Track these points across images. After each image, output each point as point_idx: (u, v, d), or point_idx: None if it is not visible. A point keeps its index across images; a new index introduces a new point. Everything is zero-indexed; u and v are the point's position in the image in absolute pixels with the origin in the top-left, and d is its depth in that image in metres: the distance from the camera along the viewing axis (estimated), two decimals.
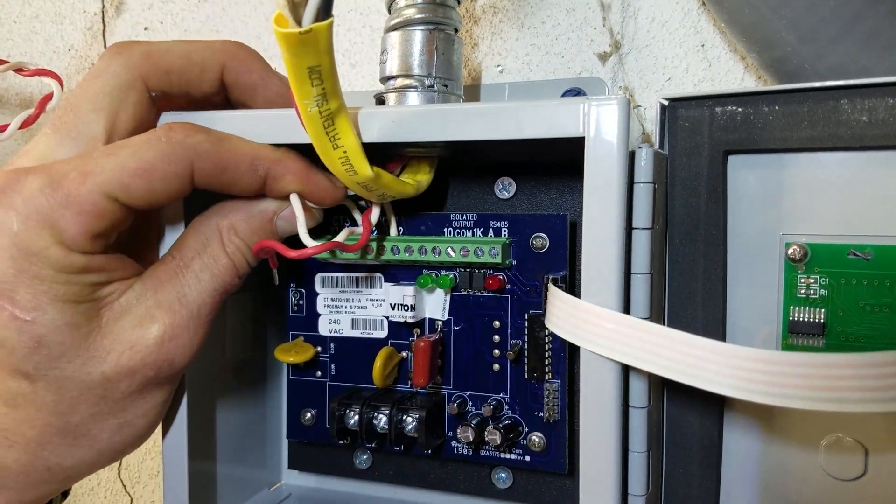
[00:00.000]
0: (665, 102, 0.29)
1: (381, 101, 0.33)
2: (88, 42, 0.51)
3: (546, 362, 0.30)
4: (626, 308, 0.25)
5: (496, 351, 0.32)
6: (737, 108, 0.28)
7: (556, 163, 0.31)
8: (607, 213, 0.24)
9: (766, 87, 0.35)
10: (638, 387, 0.26)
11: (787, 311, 0.28)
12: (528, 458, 0.31)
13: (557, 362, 0.30)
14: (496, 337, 0.32)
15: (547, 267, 0.30)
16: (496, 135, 0.25)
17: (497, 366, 0.32)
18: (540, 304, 0.30)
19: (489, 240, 0.31)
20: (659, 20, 0.38)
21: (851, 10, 0.29)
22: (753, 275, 0.29)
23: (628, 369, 0.26)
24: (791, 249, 0.28)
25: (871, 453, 0.28)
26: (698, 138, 0.28)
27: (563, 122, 0.24)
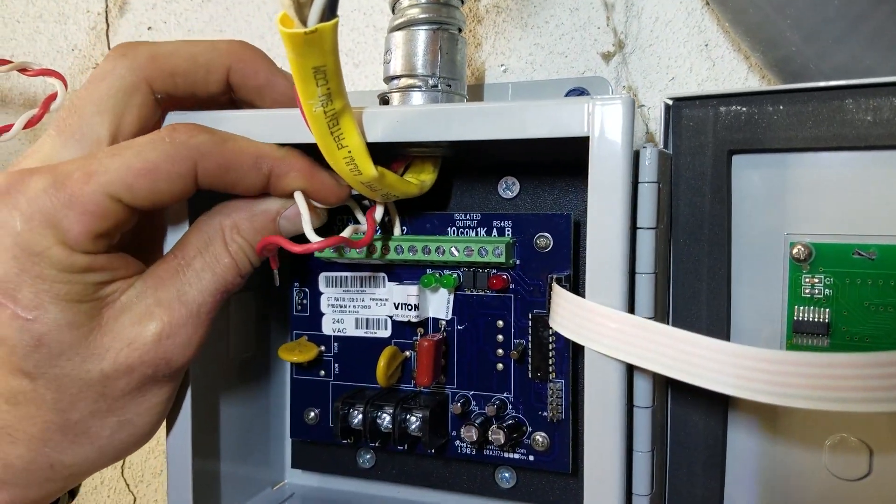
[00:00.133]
0: (669, 102, 0.29)
1: (384, 101, 0.33)
2: (92, 42, 0.51)
3: (550, 362, 0.30)
4: (631, 308, 0.25)
5: (500, 350, 0.32)
6: (741, 108, 0.28)
7: (559, 162, 0.31)
8: (611, 212, 0.24)
9: (770, 86, 0.35)
10: (642, 386, 0.26)
11: (791, 311, 0.28)
12: (531, 458, 0.31)
13: (561, 362, 0.30)
14: (500, 336, 0.32)
15: (551, 266, 0.30)
16: (500, 134, 0.25)
17: (501, 365, 0.32)
18: (544, 304, 0.30)
19: (493, 239, 0.31)
20: (662, 20, 0.38)
21: (856, 9, 0.29)
22: (757, 274, 0.29)
23: (632, 369, 0.26)
24: (795, 249, 0.28)
25: (875, 453, 0.27)
26: (702, 138, 0.28)
27: (568, 121, 0.24)
